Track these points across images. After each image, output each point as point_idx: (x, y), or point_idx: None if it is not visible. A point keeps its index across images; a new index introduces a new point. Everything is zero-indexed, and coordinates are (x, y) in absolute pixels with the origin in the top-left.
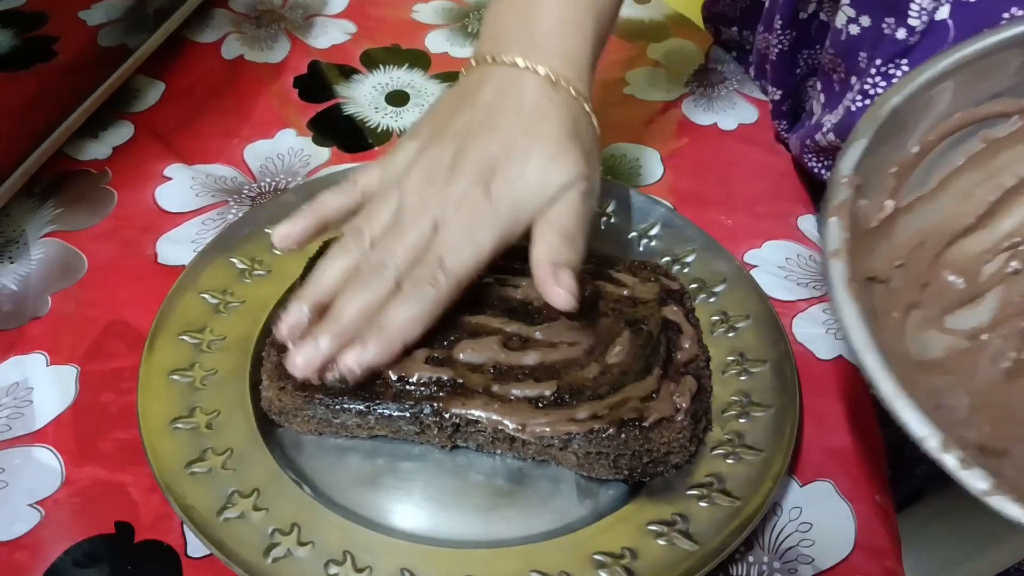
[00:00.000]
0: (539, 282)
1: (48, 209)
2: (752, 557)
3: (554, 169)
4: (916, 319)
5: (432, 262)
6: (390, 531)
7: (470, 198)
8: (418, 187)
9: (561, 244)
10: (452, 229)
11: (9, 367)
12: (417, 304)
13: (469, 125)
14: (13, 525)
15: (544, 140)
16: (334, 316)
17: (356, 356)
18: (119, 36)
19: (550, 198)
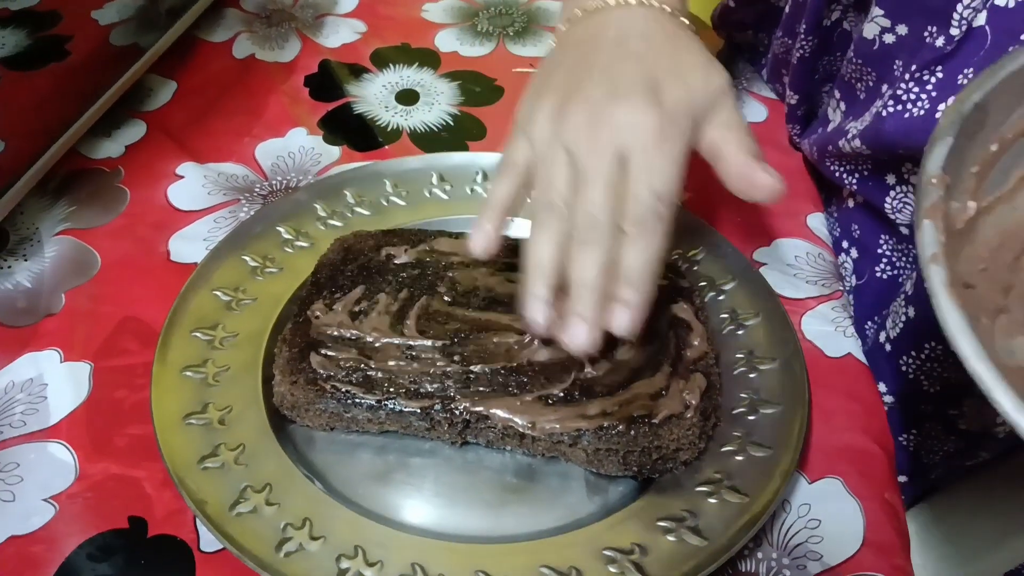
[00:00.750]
0: (739, 178)
1: (61, 207)
2: (761, 553)
3: (712, 73)
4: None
5: (642, 193)
6: (401, 526)
7: (643, 116)
8: (585, 130)
9: (746, 137)
10: (641, 153)
11: (24, 363)
12: (647, 240)
13: (610, 57)
14: (29, 519)
15: (692, 52)
16: (579, 286)
17: (625, 316)
18: (131, 35)
19: (714, 101)
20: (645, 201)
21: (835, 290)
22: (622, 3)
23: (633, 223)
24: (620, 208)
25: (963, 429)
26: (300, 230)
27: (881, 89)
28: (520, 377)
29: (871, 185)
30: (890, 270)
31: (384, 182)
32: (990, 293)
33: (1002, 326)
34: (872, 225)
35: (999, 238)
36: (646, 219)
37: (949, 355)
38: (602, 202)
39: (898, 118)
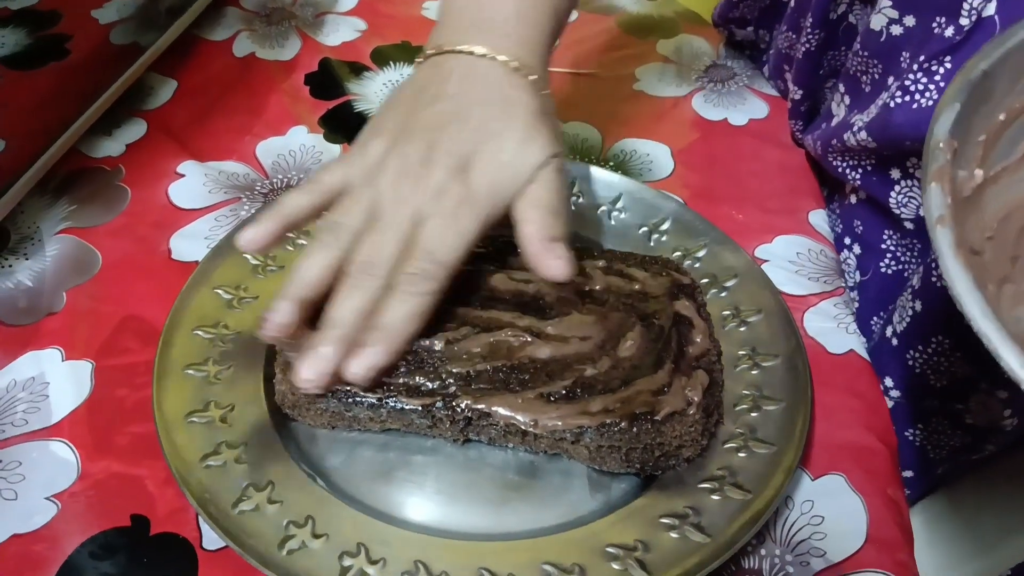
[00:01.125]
0: (533, 258)
1: (62, 206)
2: (764, 550)
3: (528, 150)
4: (1009, 292)
5: (421, 255)
6: (403, 524)
7: (449, 188)
8: (393, 183)
9: (548, 217)
10: (435, 220)
11: (25, 362)
12: (413, 299)
13: (438, 117)
14: (31, 517)
15: (516, 124)
16: (332, 323)
17: (363, 361)
18: (131, 34)
19: (527, 179)
20: (422, 264)
21: (837, 287)
22: (475, 53)
23: (404, 279)
24: (399, 264)
25: (970, 424)
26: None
27: (887, 82)
28: (522, 374)
29: (875, 180)
30: (895, 265)
31: None
32: (997, 262)
33: (1008, 295)
34: (875, 221)
35: (1006, 208)
36: (416, 279)
37: (956, 349)
38: (386, 251)
39: (906, 109)
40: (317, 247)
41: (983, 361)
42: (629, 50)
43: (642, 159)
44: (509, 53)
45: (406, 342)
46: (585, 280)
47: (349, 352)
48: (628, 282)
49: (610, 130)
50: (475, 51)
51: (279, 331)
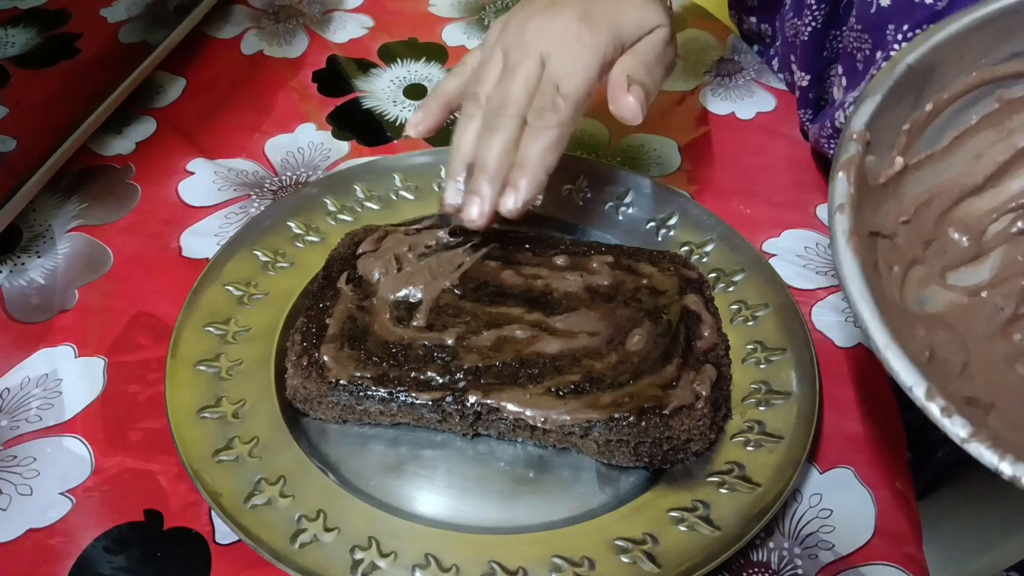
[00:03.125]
0: (611, 92)
1: (73, 204)
2: (772, 543)
3: (647, 10)
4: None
5: (548, 91)
6: (414, 517)
7: (572, 28)
8: (519, 30)
9: (639, 66)
10: (559, 56)
11: (39, 359)
12: (546, 132)
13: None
14: (46, 512)
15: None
16: (480, 166)
17: (513, 198)
18: (140, 33)
19: (641, 33)
20: (548, 96)
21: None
22: None
23: (534, 114)
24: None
25: None
26: (310, 225)
27: (876, 57)
28: (531, 369)
29: None
30: None
31: (393, 176)
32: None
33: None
34: None
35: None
36: (545, 112)
37: None
38: (514, 93)
39: None
40: (463, 120)
41: None
42: None
43: (650, 154)
44: None
45: (547, 173)
46: (593, 275)
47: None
48: (636, 277)
49: (617, 125)
50: None
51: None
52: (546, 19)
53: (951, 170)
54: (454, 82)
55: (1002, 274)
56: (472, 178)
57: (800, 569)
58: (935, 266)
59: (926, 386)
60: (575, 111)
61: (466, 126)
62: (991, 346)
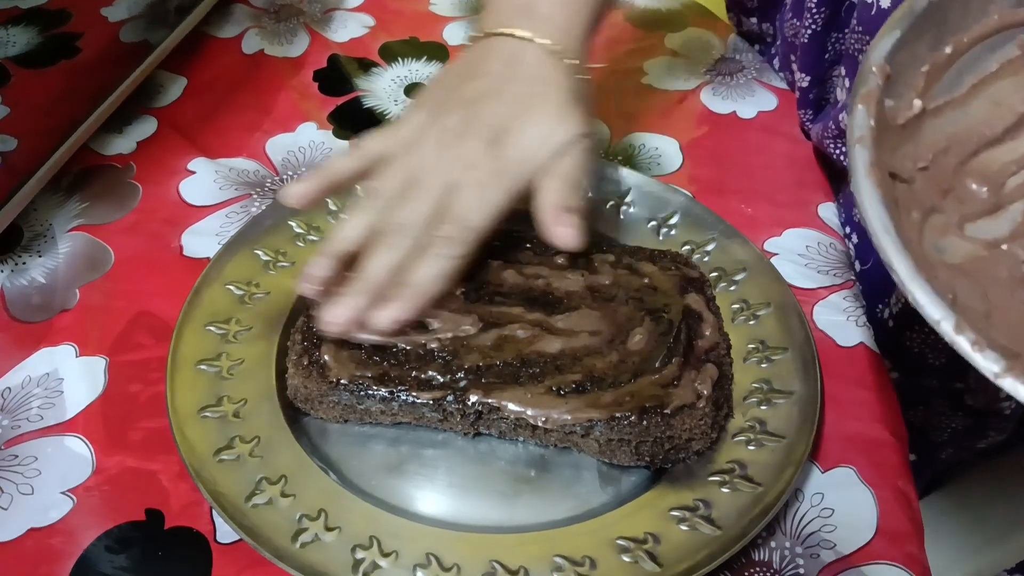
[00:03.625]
0: (544, 224)
1: (74, 204)
2: (774, 542)
3: (559, 128)
4: (936, 223)
5: (452, 220)
6: (415, 517)
7: (481, 158)
8: (431, 152)
9: (565, 189)
10: (466, 188)
11: (40, 358)
12: (441, 260)
13: (476, 93)
14: (47, 512)
15: (550, 102)
16: (364, 275)
17: (388, 313)
18: (141, 32)
19: (556, 154)
20: (452, 228)
21: (847, 280)
22: (516, 36)
23: (435, 242)
24: (431, 227)
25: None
26: (311, 224)
27: None
28: (531, 368)
29: None
30: None
31: None
32: (927, 192)
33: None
34: None
35: (945, 141)
36: (445, 243)
37: None
38: (420, 215)
39: None
40: (357, 210)
41: None
42: (637, 44)
43: (651, 153)
44: (550, 37)
45: (429, 301)
46: (594, 274)
47: (375, 304)
48: (637, 276)
49: (618, 124)
50: (516, 34)
51: (315, 284)
52: (456, 146)
53: (969, 118)
54: (346, 164)
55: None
56: (350, 284)
57: (802, 568)
58: (953, 216)
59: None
60: (470, 243)
61: (356, 216)
62: (1013, 297)
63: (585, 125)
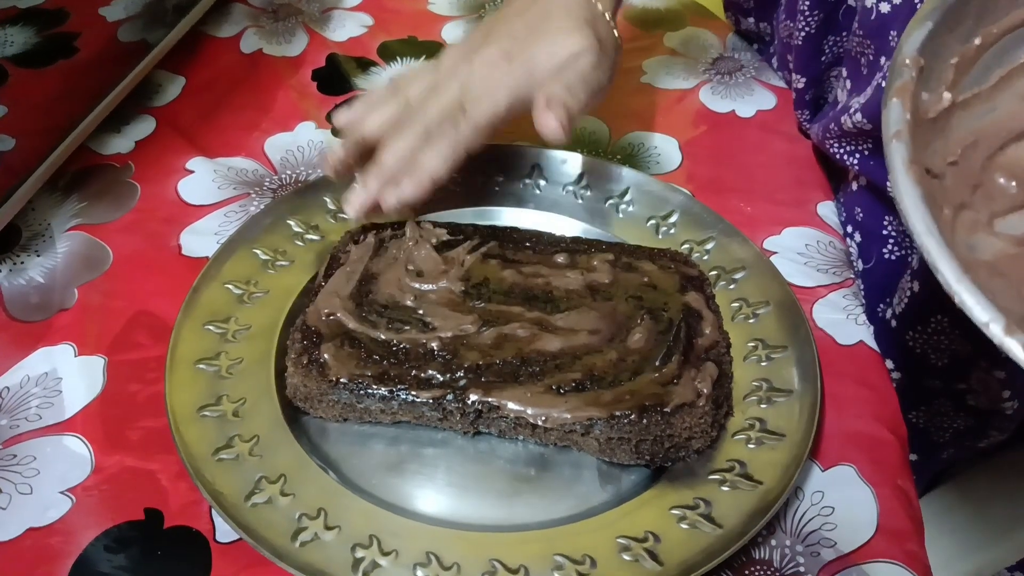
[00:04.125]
0: (534, 111)
1: (73, 203)
2: (775, 541)
3: (567, 40)
4: (966, 219)
5: (455, 110)
6: (415, 515)
7: (492, 61)
8: (452, 59)
9: (561, 89)
10: (475, 86)
11: (38, 358)
12: (441, 144)
13: (502, 18)
14: (46, 511)
15: (561, 20)
16: (377, 162)
17: (395, 192)
18: (139, 32)
19: (561, 64)
20: (453, 114)
21: (846, 278)
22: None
23: (438, 128)
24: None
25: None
26: (310, 223)
27: (880, 62)
28: (531, 367)
29: (873, 164)
30: (897, 251)
31: None
32: (957, 187)
33: (964, 222)
34: (876, 207)
35: (973, 135)
36: (445, 127)
37: (955, 327)
38: (428, 109)
39: None
40: (379, 103)
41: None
42: (636, 43)
43: (650, 152)
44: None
45: (432, 181)
46: (593, 273)
47: (386, 188)
48: (637, 275)
49: (617, 123)
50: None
51: (334, 165)
52: (475, 53)
53: (996, 112)
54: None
55: None
56: (365, 171)
57: (802, 567)
58: (983, 212)
59: (1004, 321)
60: (474, 133)
61: (377, 108)
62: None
63: (592, 41)
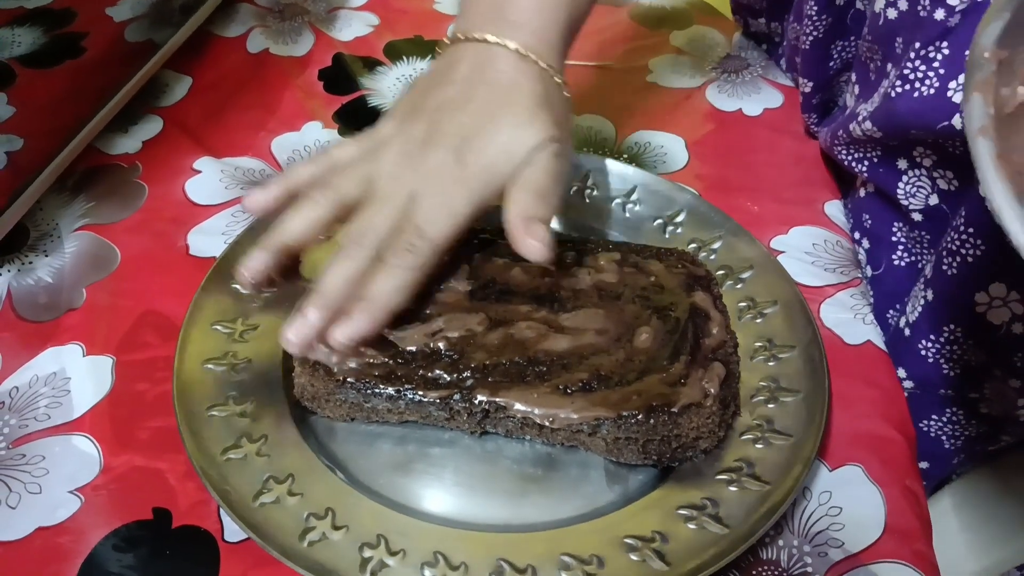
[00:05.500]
0: (512, 238)
1: (80, 203)
2: (782, 541)
3: (524, 133)
4: None
5: (411, 231)
6: (422, 515)
7: (444, 167)
8: (393, 161)
9: (532, 199)
10: (428, 198)
11: (47, 358)
12: (399, 273)
13: (443, 101)
14: (55, 511)
15: (515, 108)
16: (320, 290)
17: (346, 329)
18: (145, 31)
19: (521, 161)
20: (410, 237)
21: (853, 277)
22: (479, 39)
23: (392, 252)
24: (390, 238)
25: (985, 413)
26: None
27: (886, 69)
28: (538, 367)
29: (882, 172)
30: (907, 257)
31: None
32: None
33: None
34: (885, 214)
35: None
36: (403, 253)
37: (969, 337)
38: (379, 225)
39: (908, 98)
40: (305, 203)
41: (995, 348)
42: (642, 42)
43: (656, 151)
44: (521, 42)
45: (389, 315)
46: (601, 273)
47: (334, 319)
48: (643, 275)
49: (624, 122)
50: (488, 39)
51: (251, 276)
52: (420, 156)
53: None
54: (308, 170)
55: None
56: (306, 299)
57: (810, 567)
58: None
59: None
60: (433, 257)
61: (303, 209)
62: None
63: (553, 129)
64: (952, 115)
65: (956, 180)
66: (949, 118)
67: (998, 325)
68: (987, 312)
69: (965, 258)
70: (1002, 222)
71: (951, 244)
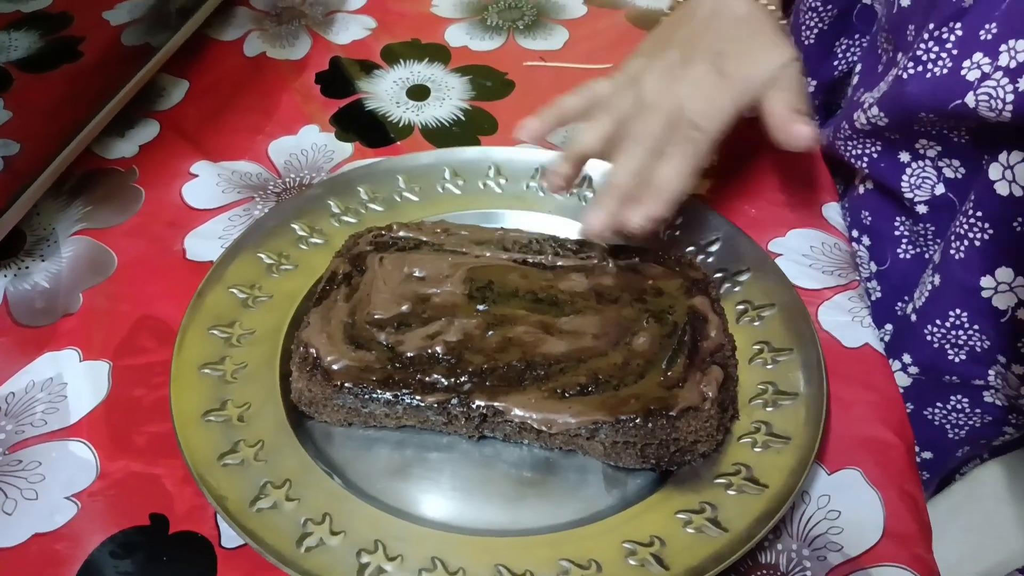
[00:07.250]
0: (778, 128)
1: (77, 207)
2: (781, 545)
3: (775, 52)
4: None
5: (686, 125)
6: (420, 520)
7: (707, 76)
8: (656, 78)
9: (795, 97)
10: (696, 102)
11: (43, 363)
12: (681, 160)
13: (690, 33)
14: (52, 516)
15: (764, 32)
16: (612, 183)
17: (642, 212)
18: (142, 35)
19: (774, 75)
20: (688, 132)
21: (852, 280)
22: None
23: (673, 143)
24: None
25: (989, 402)
26: (314, 227)
27: (896, 58)
28: (536, 371)
29: (884, 166)
30: (912, 249)
31: (397, 178)
32: None
33: None
34: (886, 209)
35: None
36: (682, 142)
37: (974, 321)
38: (655, 127)
39: (920, 79)
40: (591, 125)
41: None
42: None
43: None
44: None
45: (676, 198)
46: (598, 276)
47: (627, 207)
48: (641, 278)
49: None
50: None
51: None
52: (681, 71)
53: None
54: (574, 101)
55: None
56: (601, 194)
57: (809, 571)
58: None
59: None
60: (708, 147)
61: (591, 128)
62: None
63: (792, 52)
64: (964, 94)
65: (963, 168)
66: (962, 97)
67: (1004, 310)
68: (993, 297)
69: (973, 242)
70: None
71: (959, 228)
